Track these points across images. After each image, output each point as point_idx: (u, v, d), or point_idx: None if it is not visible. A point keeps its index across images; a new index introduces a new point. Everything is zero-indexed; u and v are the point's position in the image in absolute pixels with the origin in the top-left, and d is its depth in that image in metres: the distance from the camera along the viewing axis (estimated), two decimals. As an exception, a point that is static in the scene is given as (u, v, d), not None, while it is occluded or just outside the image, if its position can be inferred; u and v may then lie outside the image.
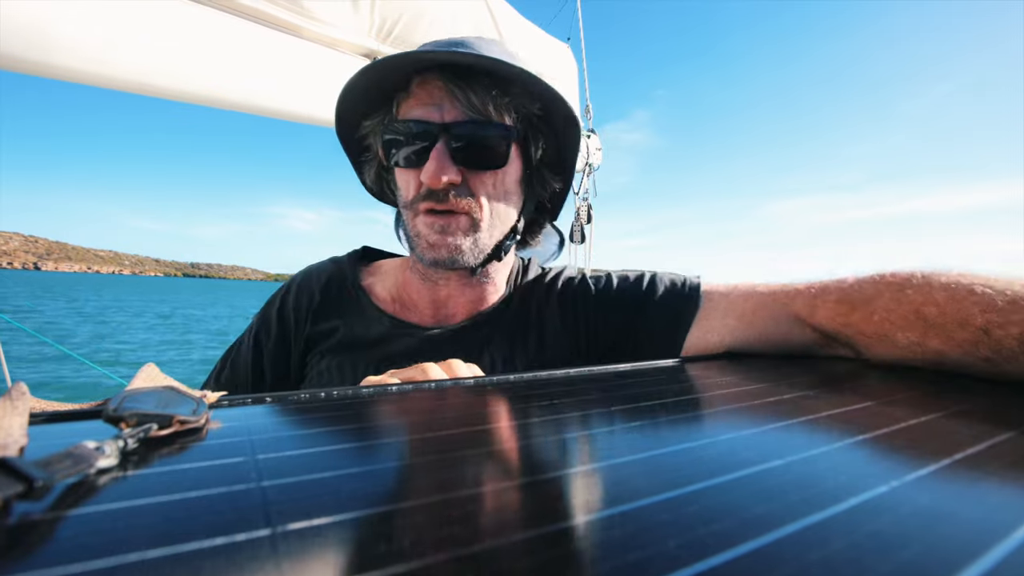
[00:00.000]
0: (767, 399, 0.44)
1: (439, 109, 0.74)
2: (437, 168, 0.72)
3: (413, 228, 0.80)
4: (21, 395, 0.29)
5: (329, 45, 1.95)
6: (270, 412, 0.39)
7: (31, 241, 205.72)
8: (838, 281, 0.73)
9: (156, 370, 0.40)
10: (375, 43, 2.04)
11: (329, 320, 0.89)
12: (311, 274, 0.95)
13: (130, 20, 1.49)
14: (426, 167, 0.73)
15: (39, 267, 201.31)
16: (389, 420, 0.39)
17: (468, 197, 0.76)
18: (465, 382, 0.51)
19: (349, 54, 2.01)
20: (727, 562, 0.18)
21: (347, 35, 1.96)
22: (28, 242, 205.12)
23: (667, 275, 0.89)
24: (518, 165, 0.81)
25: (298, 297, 0.92)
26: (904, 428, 0.35)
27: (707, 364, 0.67)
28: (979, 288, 0.58)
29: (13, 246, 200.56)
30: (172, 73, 1.59)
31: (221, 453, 0.28)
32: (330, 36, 1.92)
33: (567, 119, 0.80)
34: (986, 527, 0.21)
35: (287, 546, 0.19)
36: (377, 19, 2.00)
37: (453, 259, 0.77)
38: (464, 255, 0.78)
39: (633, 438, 0.33)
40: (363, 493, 0.24)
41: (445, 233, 0.76)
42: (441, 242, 0.76)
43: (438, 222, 0.76)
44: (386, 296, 0.92)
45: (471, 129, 0.74)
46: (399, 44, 2.10)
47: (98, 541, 0.18)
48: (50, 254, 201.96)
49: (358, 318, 0.88)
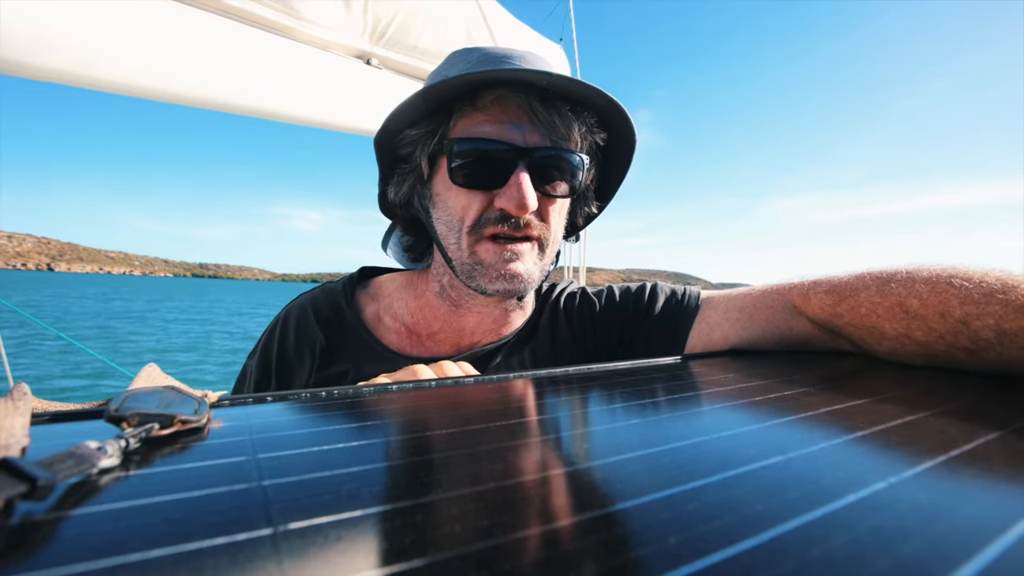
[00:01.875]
0: (766, 396, 0.44)
1: (520, 130, 0.70)
2: (525, 195, 0.68)
3: (472, 255, 0.73)
4: (23, 395, 0.29)
5: (322, 47, 1.95)
6: (271, 412, 0.39)
7: (44, 242, 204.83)
8: (831, 276, 0.76)
9: (157, 370, 0.40)
10: (368, 45, 2.04)
11: (337, 364, 0.81)
12: (306, 311, 0.86)
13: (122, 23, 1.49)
14: (508, 192, 0.69)
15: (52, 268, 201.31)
16: (389, 419, 0.39)
17: (540, 223, 0.73)
18: (465, 381, 0.51)
19: (342, 56, 2.01)
20: (728, 559, 0.18)
21: (340, 37, 1.96)
22: (41, 243, 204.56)
23: (667, 285, 0.90)
24: None
25: (299, 339, 0.83)
26: (902, 424, 0.35)
27: (706, 361, 0.67)
28: (957, 281, 0.60)
29: (27, 247, 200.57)
30: (165, 76, 1.59)
31: (222, 452, 0.28)
32: (323, 38, 1.92)
33: (629, 149, 0.78)
34: (985, 523, 0.21)
35: (288, 545, 0.19)
36: (370, 21, 2.00)
37: (523, 288, 0.74)
38: (532, 283, 0.75)
39: (633, 435, 0.33)
40: (364, 492, 0.24)
41: (514, 262, 0.72)
42: (511, 272, 0.72)
43: (508, 250, 0.72)
44: (397, 326, 0.84)
45: (553, 155, 0.71)
46: (392, 45, 2.10)
47: (100, 541, 0.18)
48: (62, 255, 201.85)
49: (367, 358, 0.81)
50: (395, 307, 0.86)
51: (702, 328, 0.81)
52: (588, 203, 0.86)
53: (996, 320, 0.56)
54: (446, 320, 0.83)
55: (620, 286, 0.92)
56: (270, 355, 0.84)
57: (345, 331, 0.83)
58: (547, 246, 0.76)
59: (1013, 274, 0.60)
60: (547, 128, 0.70)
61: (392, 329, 0.84)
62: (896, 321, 0.64)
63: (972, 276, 0.60)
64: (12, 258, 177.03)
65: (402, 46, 2.13)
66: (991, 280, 0.59)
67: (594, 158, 0.80)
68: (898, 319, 0.64)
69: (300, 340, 0.83)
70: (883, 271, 0.69)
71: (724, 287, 0.93)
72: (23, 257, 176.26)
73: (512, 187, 0.69)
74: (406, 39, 2.12)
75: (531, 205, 0.69)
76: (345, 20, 1.95)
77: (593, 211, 0.87)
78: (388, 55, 2.12)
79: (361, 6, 1.96)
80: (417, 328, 0.84)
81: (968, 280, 0.60)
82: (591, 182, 0.82)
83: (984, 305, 0.57)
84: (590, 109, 0.73)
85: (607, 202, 0.88)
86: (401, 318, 0.85)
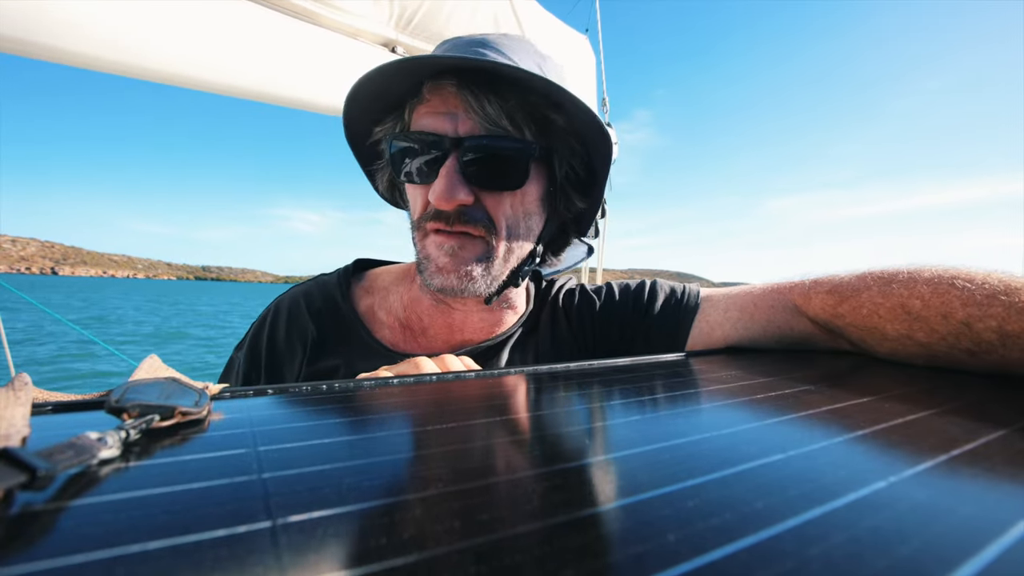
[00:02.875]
0: (767, 394, 0.44)
1: (452, 120, 0.67)
2: (445, 188, 0.65)
3: (422, 249, 0.72)
4: (24, 385, 0.29)
5: (349, 35, 1.94)
6: (272, 404, 0.39)
7: (48, 246, 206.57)
8: (833, 275, 0.75)
9: (159, 361, 0.40)
10: (394, 32, 2.02)
11: (328, 358, 0.79)
12: (298, 302, 0.83)
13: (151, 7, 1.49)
14: (434, 186, 0.66)
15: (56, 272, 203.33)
16: (390, 413, 0.39)
17: (482, 220, 0.69)
18: (466, 375, 0.51)
19: (369, 43, 2.00)
20: (726, 556, 0.18)
21: (367, 24, 1.94)
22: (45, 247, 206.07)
23: (667, 283, 0.89)
24: (540, 183, 0.74)
25: (290, 331, 0.81)
26: (901, 424, 0.35)
27: (707, 359, 0.67)
28: (960, 283, 0.60)
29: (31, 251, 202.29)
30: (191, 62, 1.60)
31: (223, 445, 0.28)
32: (350, 25, 1.91)
33: (596, 131, 0.71)
34: (983, 524, 0.21)
35: (288, 538, 0.19)
36: (397, 8, 1.99)
37: (463, 288, 0.70)
38: (475, 283, 0.70)
39: (633, 432, 0.33)
40: (364, 485, 0.24)
41: (456, 257, 0.69)
42: (451, 267, 0.69)
43: (448, 242, 0.69)
44: (391, 321, 0.82)
45: (486, 144, 0.66)
46: (419, 34, 2.08)
47: (100, 532, 0.19)
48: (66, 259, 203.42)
49: (359, 354, 0.79)
50: (390, 300, 0.84)
51: (702, 327, 0.81)
52: (572, 198, 0.78)
53: (999, 322, 0.56)
54: (434, 316, 0.81)
55: (620, 283, 0.91)
56: (259, 347, 0.82)
57: (339, 324, 0.81)
58: (496, 247, 0.71)
59: (1016, 276, 0.59)
60: (480, 115, 0.66)
61: (386, 324, 0.82)
62: (898, 322, 0.64)
63: (975, 278, 0.60)
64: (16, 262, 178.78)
65: (428, 34, 2.10)
66: (993, 282, 0.59)
67: (562, 144, 0.73)
68: (900, 320, 0.64)
69: (291, 332, 0.81)
70: (885, 271, 0.69)
71: (726, 286, 0.92)
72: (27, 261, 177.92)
73: (438, 179, 0.66)
74: (432, 27, 2.09)
75: (452, 197, 0.66)
76: (372, 7, 1.93)
77: (579, 206, 0.79)
78: (414, 44, 2.09)
79: None
80: (410, 323, 0.82)
81: (971, 282, 0.60)
82: (564, 172, 0.75)
83: (987, 307, 0.57)
84: (544, 94, 0.68)
85: (594, 196, 0.79)
86: (395, 312, 0.83)
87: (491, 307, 0.81)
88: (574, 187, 0.77)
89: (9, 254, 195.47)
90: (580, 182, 0.78)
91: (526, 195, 0.72)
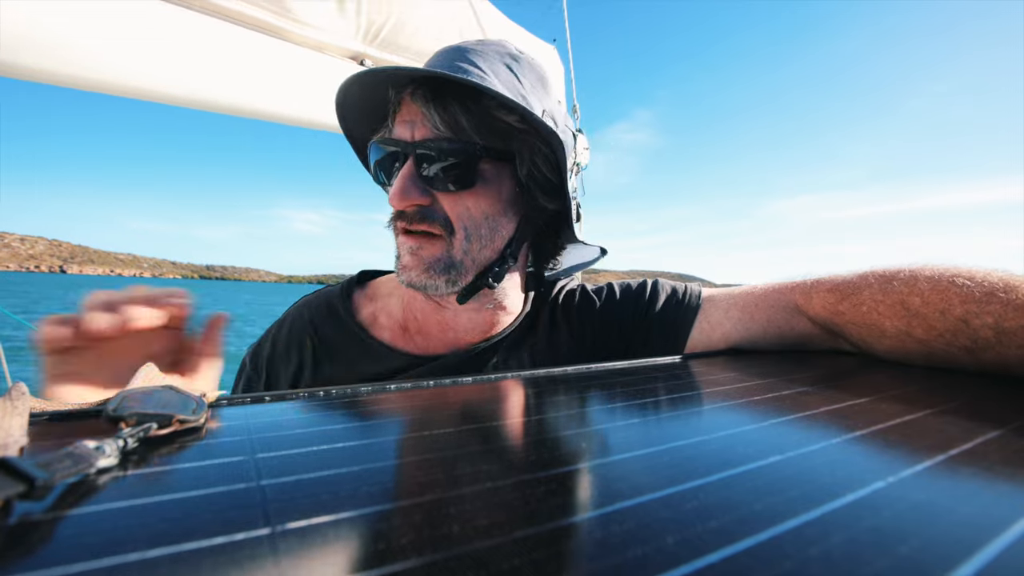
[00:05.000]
0: (765, 395, 0.44)
1: (411, 127, 0.71)
2: (399, 189, 0.70)
3: (396, 248, 0.78)
4: (21, 395, 0.29)
5: (316, 48, 1.95)
6: (269, 411, 0.39)
7: (55, 245, 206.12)
8: (834, 275, 0.76)
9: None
10: (362, 46, 2.04)
11: (332, 364, 0.83)
12: (301, 311, 0.89)
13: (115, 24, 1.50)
14: (392, 188, 0.71)
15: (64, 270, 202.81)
16: (388, 419, 0.39)
17: (440, 220, 0.72)
18: (463, 381, 0.51)
19: (337, 57, 2.01)
20: (726, 558, 0.18)
21: (334, 38, 1.96)
22: (53, 246, 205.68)
23: (668, 283, 0.89)
24: (505, 185, 0.75)
25: (290, 338, 0.86)
26: (900, 424, 0.35)
27: (705, 361, 0.67)
28: (960, 280, 0.61)
29: (39, 250, 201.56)
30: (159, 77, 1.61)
31: (220, 452, 0.28)
32: (317, 39, 1.93)
33: (546, 134, 0.72)
34: (982, 523, 0.21)
35: (286, 545, 0.19)
36: (364, 22, 2.00)
37: (425, 285, 0.74)
38: (436, 281, 0.73)
39: (632, 434, 0.33)
40: (362, 492, 0.24)
41: (416, 256, 0.73)
42: (411, 264, 0.73)
43: (409, 242, 0.73)
44: (392, 324, 0.85)
45: (433, 147, 0.70)
46: (386, 47, 2.10)
47: (98, 541, 0.18)
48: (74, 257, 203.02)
49: (362, 355, 0.83)
50: (391, 305, 0.87)
51: (703, 327, 0.81)
52: (539, 200, 0.77)
53: (995, 319, 0.56)
54: (428, 314, 0.83)
55: (620, 283, 0.91)
56: (262, 351, 0.88)
57: (340, 331, 0.85)
58: (454, 245, 0.73)
59: (1016, 275, 0.60)
60: (433, 121, 0.70)
61: (387, 327, 0.85)
62: (897, 319, 0.65)
63: (975, 275, 0.61)
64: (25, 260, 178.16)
65: (396, 47, 2.13)
66: (993, 280, 0.59)
67: (526, 147, 0.73)
68: (899, 316, 0.64)
69: (290, 339, 0.86)
70: (886, 270, 0.69)
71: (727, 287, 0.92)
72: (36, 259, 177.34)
73: (395, 181, 0.71)
74: (399, 40, 2.11)
75: (405, 197, 0.70)
76: (339, 21, 1.95)
77: (548, 207, 0.79)
78: (382, 56, 2.12)
79: (354, 7, 1.96)
80: (408, 324, 0.85)
81: (971, 279, 0.60)
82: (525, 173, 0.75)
83: (985, 304, 0.58)
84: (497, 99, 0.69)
85: (559, 195, 0.78)
86: (396, 315, 0.86)
87: (480, 307, 0.82)
88: (541, 188, 0.77)
89: (18, 252, 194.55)
90: (548, 183, 0.78)
91: (484, 196, 0.74)
